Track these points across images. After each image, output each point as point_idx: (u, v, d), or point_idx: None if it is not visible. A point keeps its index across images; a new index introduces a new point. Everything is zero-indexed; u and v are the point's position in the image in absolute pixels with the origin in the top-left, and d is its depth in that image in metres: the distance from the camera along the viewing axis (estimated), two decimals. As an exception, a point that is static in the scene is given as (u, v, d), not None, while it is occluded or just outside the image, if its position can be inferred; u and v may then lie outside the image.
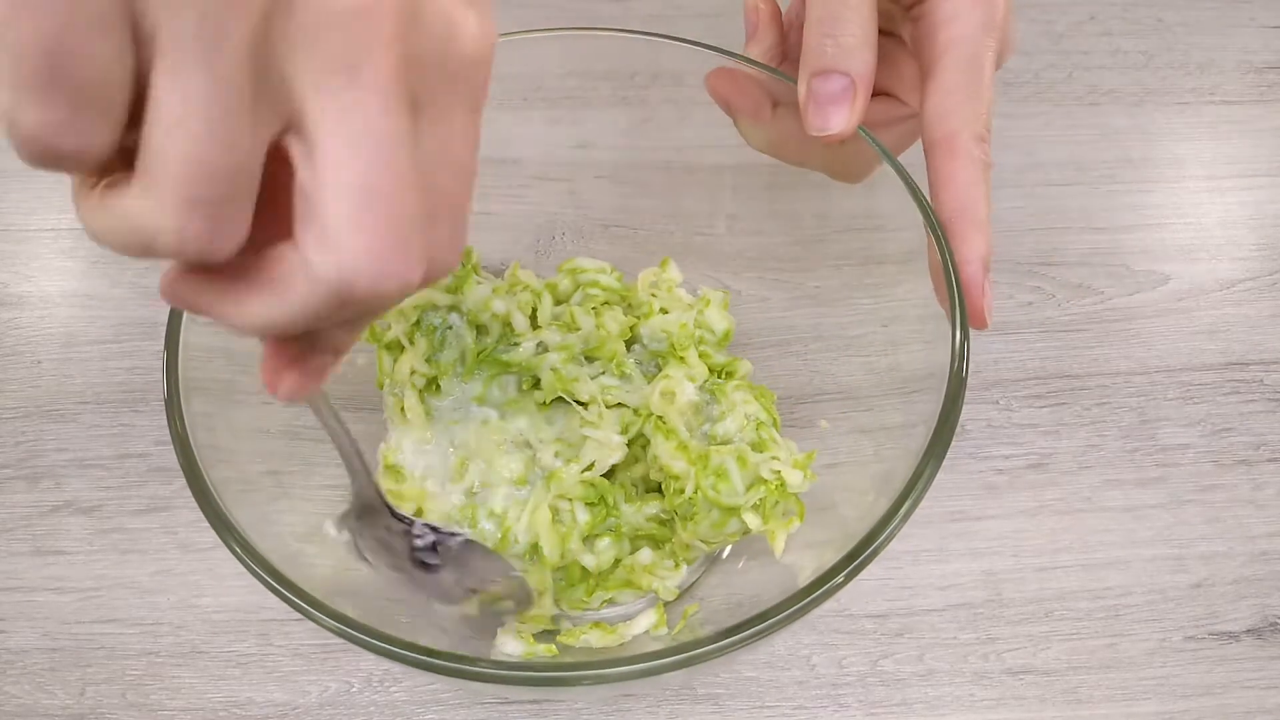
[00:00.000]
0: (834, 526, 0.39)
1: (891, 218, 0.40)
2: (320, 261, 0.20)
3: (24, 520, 0.48)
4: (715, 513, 0.40)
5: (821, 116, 0.37)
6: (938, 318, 0.37)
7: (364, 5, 0.19)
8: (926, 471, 0.33)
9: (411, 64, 0.20)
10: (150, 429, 0.50)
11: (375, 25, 0.19)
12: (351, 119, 0.20)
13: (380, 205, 0.20)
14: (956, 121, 0.37)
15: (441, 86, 0.21)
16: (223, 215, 0.20)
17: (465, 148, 0.23)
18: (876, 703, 0.44)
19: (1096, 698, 0.44)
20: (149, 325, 0.54)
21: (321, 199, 0.20)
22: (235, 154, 0.19)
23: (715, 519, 0.40)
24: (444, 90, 0.22)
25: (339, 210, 0.20)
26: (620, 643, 0.41)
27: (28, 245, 0.57)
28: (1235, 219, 0.59)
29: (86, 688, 0.44)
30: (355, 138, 0.20)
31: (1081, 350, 0.54)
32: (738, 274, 0.51)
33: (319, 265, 0.20)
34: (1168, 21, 0.68)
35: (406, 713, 0.44)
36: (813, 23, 0.37)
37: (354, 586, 0.41)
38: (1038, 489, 0.50)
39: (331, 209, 0.20)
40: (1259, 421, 0.52)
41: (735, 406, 0.42)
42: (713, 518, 0.40)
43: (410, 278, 0.21)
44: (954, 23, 0.37)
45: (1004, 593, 0.47)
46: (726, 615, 0.42)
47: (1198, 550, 0.48)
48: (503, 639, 0.40)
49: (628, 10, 0.66)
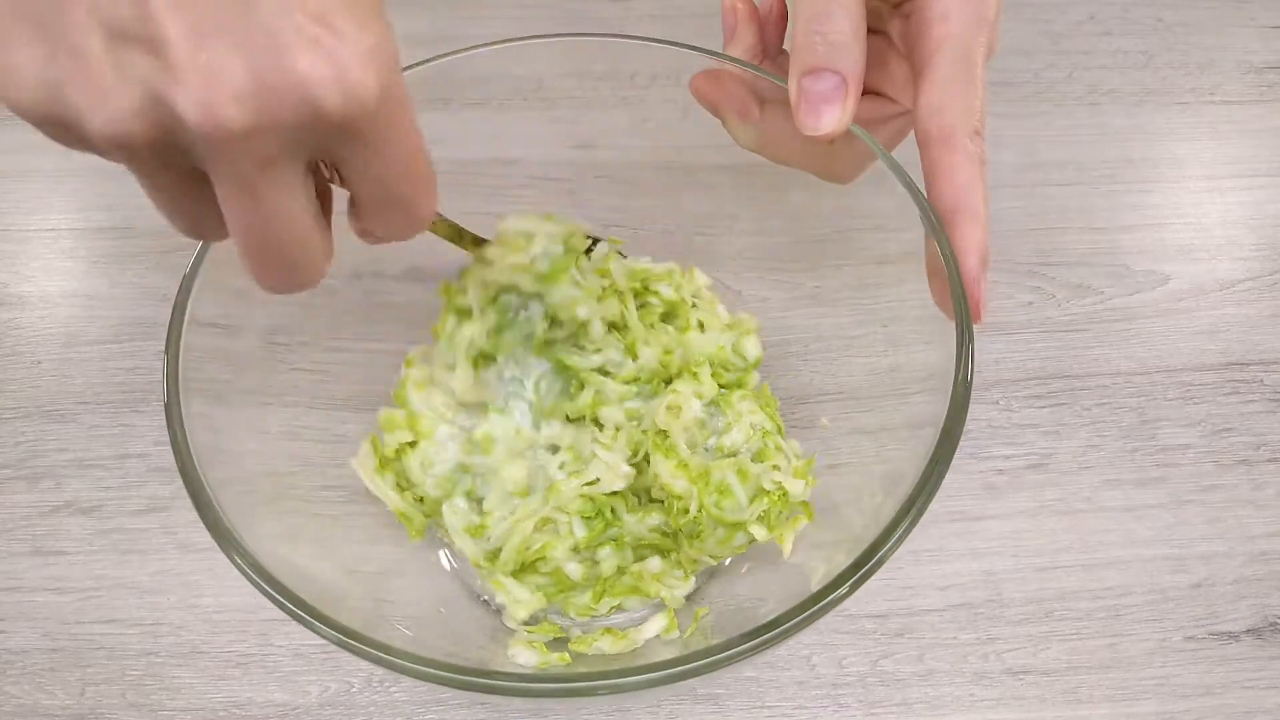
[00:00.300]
0: (840, 528, 0.39)
1: (891, 217, 0.40)
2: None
3: (24, 520, 0.48)
4: (721, 530, 0.40)
5: (813, 115, 0.37)
6: (938, 318, 0.37)
7: (206, 137, 0.23)
8: (933, 479, 0.33)
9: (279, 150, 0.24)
10: (150, 429, 0.50)
11: (224, 148, 0.24)
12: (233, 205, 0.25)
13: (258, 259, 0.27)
14: (951, 116, 0.36)
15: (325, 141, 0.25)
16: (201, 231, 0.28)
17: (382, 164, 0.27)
18: (876, 703, 0.44)
19: (1096, 698, 0.44)
20: (149, 325, 0.54)
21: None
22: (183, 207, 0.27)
23: (721, 535, 0.40)
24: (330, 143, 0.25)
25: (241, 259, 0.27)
26: (633, 648, 0.41)
27: (28, 245, 0.57)
28: (1235, 219, 0.59)
29: (86, 688, 0.44)
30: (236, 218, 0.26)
31: (1081, 350, 0.54)
32: (738, 274, 0.51)
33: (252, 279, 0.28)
34: (1168, 21, 0.68)
35: (406, 713, 0.44)
36: (802, 21, 0.37)
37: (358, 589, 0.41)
38: (1038, 489, 0.50)
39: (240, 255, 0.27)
40: (1259, 421, 0.52)
41: (741, 417, 0.42)
42: (719, 535, 0.40)
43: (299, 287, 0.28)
44: (946, 20, 0.37)
45: (1004, 593, 0.47)
46: (735, 616, 0.42)
47: (1198, 550, 0.48)
48: (515, 649, 0.40)
49: (627, 10, 0.66)
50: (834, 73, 0.37)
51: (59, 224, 0.57)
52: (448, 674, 0.31)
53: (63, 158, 0.59)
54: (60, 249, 0.57)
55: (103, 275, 0.55)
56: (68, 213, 0.58)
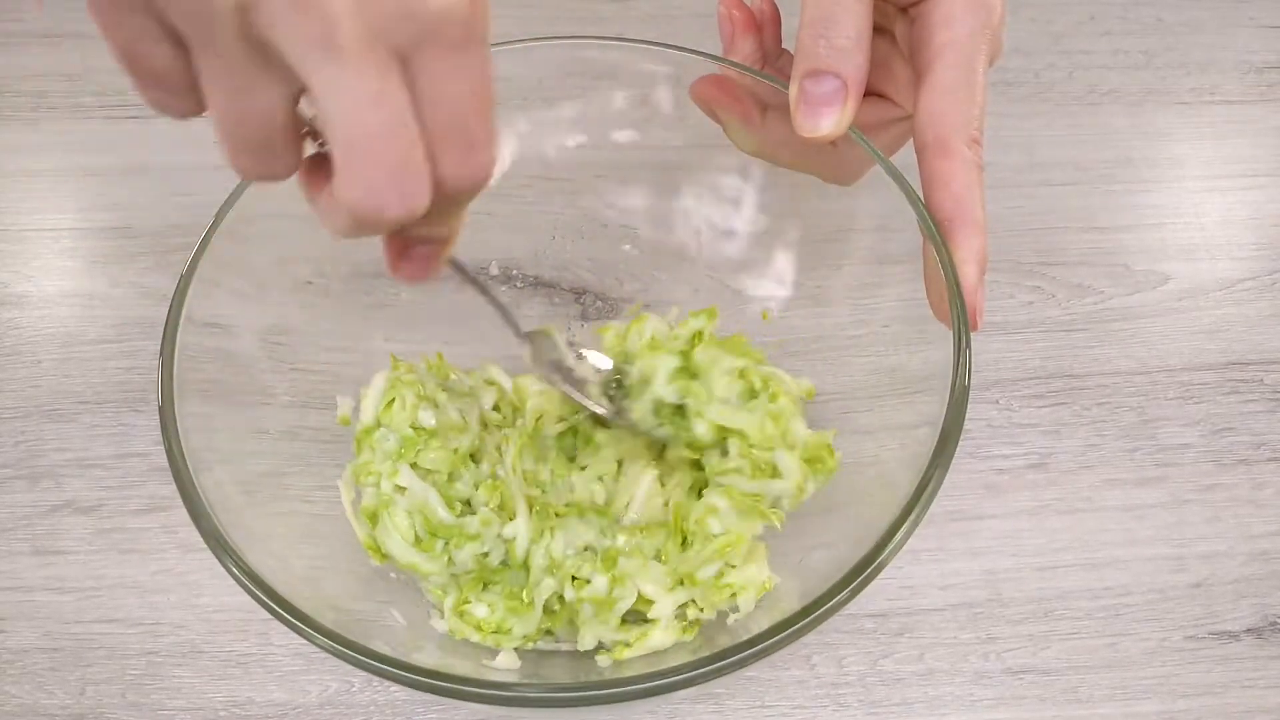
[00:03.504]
0: (840, 529, 0.39)
1: (891, 218, 0.40)
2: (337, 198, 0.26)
3: (24, 520, 0.48)
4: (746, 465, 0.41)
5: (812, 117, 0.37)
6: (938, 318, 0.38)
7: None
8: (931, 484, 0.33)
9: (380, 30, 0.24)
10: (150, 429, 0.50)
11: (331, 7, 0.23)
12: (333, 82, 0.24)
13: (362, 155, 0.25)
14: (950, 124, 0.36)
15: (420, 39, 0.25)
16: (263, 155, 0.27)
17: (460, 84, 0.26)
18: (876, 703, 0.44)
19: (1096, 698, 0.44)
20: (149, 325, 0.54)
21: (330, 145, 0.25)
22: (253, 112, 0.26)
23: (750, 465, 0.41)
24: (424, 42, 0.25)
25: (338, 161, 0.25)
26: (635, 654, 0.41)
27: (28, 245, 0.57)
28: (1235, 219, 0.59)
29: (86, 688, 0.44)
30: (336, 102, 0.24)
31: (1081, 350, 0.54)
32: (738, 274, 0.51)
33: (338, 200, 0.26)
34: (1168, 21, 0.68)
35: (406, 712, 0.44)
36: (806, 23, 0.37)
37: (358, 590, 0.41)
38: (1038, 489, 0.50)
39: (335, 155, 0.25)
40: (1259, 421, 0.52)
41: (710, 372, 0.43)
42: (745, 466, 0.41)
43: (404, 207, 0.26)
44: (950, 25, 0.37)
45: (1004, 592, 0.47)
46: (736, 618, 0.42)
47: (1198, 550, 0.48)
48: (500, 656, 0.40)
49: (627, 10, 0.66)
50: (835, 76, 0.37)
51: (59, 224, 0.57)
52: (441, 683, 0.31)
53: (63, 157, 0.60)
54: (60, 249, 0.57)
55: (103, 275, 0.55)
56: (68, 213, 0.58)
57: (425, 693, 0.31)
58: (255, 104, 0.25)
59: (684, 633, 0.41)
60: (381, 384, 0.43)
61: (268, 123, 0.26)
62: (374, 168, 0.25)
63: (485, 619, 0.40)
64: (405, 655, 0.32)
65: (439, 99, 0.26)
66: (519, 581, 0.41)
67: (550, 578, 0.41)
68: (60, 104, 0.62)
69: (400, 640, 0.40)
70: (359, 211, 0.26)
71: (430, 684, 0.31)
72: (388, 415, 0.42)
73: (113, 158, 0.59)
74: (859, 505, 0.40)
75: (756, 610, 0.41)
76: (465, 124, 0.27)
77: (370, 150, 0.25)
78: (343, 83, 0.24)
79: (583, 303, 0.52)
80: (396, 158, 0.25)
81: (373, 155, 0.25)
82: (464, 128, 0.27)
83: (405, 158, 0.25)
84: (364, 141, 0.25)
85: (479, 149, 0.27)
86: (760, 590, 0.41)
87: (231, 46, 0.24)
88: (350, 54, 0.23)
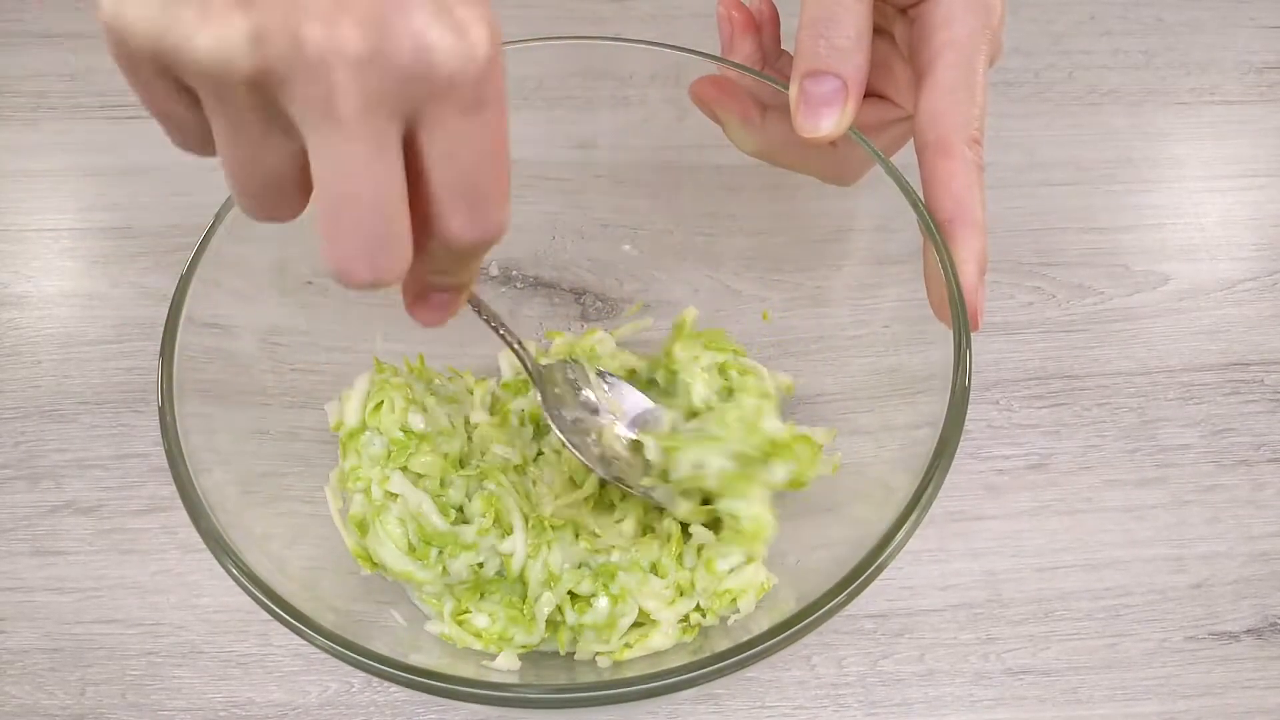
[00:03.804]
0: (840, 530, 0.39)
1: (891, 218, 0.40)
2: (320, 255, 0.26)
3: (24, 520, 0.48)
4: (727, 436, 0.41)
5: (812, 118, 0.37)
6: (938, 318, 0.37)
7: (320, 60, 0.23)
8: (931, 486, 0.33)
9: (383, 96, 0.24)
10: (150, 429, 0.50)
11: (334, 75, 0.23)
12: (325, 147, 0.24)
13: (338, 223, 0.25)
14: (950, 124, 0.36)
15: (429, 102, 0.25)
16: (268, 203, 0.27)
17: (471, 145, 0.26)
18: (876, 703, 0.44)
19: (1096, 698, 0.44)
20: (149, 325, 0.54)
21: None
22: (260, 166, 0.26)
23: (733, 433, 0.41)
24: (432, 104, 0.25)
25: (319, 224, 0.25)
26: (634, 656, 0.41)
27: (28, 245, 0.57)
28: (1235, 219, 0.59)
29: (86, 688, 0.44)
30: (323, 167, 0.25)
31: (1081, 350, 0.54)
32: (738, 274, 0.51)
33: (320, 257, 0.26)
34: (1168, 21, 0.68)
35: (406, 712, 0.44)
36: (807, 23, 0.37)
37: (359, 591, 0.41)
38: (1038, 489, 0.50)
39: (318, 221, 0.25)
40: (1259, 421, 0.52)
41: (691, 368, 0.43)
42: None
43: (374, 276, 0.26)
44: (950, 26, 0.37)
45: (1004, 593, 0.47)
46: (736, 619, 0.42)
47: (1198, 550, 0.48)
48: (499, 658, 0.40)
49: (627, 10, 0.66)
50: (835, 76, 0.37)
51: (59, 224, 0.58)
52: (440, 684, 0.31)
53: (63, 157, 0.60)
54: (60, 249, 0.57)
55: (103, 275, 0.55)
56: (68, 213, 0.58)
57: (425, 693, 0.31)
58: (263, 159, 0.26)
59: (684, 633, 0.41)
60: (365, 385, 0.42)
61: (274, 176, 0.26)
62: (349, 236, 0.25)
63: (486, 628, 0.40)
64: (404, 656, 0.32)
65: (449, 159, 0.26)
66: (516, 593, 0.41)
67: (549, 591, 0.40)
68: (60, 104, 0.62)
69: (400, 641, 0.40)
70: (333, 273, 0.26)
71: (429, 684, 0.31)
72: (375, 418, 0.41)
73: (113, 158, 0.59)
74: (859, 506, 0.40)
75: (756, 611, 0.41)
76: (475, 184, 0.27)
77: (346, 219, 0.25)
78: (332, 149, 0.24)
79: (583, 303, 0.52)
80: (371, 230, 0.25)
81: (348, 224, 0.25)
82: (474, 187, 0.27)
83: (381, 231, 0.25)
84: (341, 210, 0.25)
85: (491, 208, 0.27)
86: (760, 591, 0.41)
87: (242, 112, 0.24)
88: (347, 122, 0.24)
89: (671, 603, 0.41)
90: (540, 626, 0.40)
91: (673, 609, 0.41)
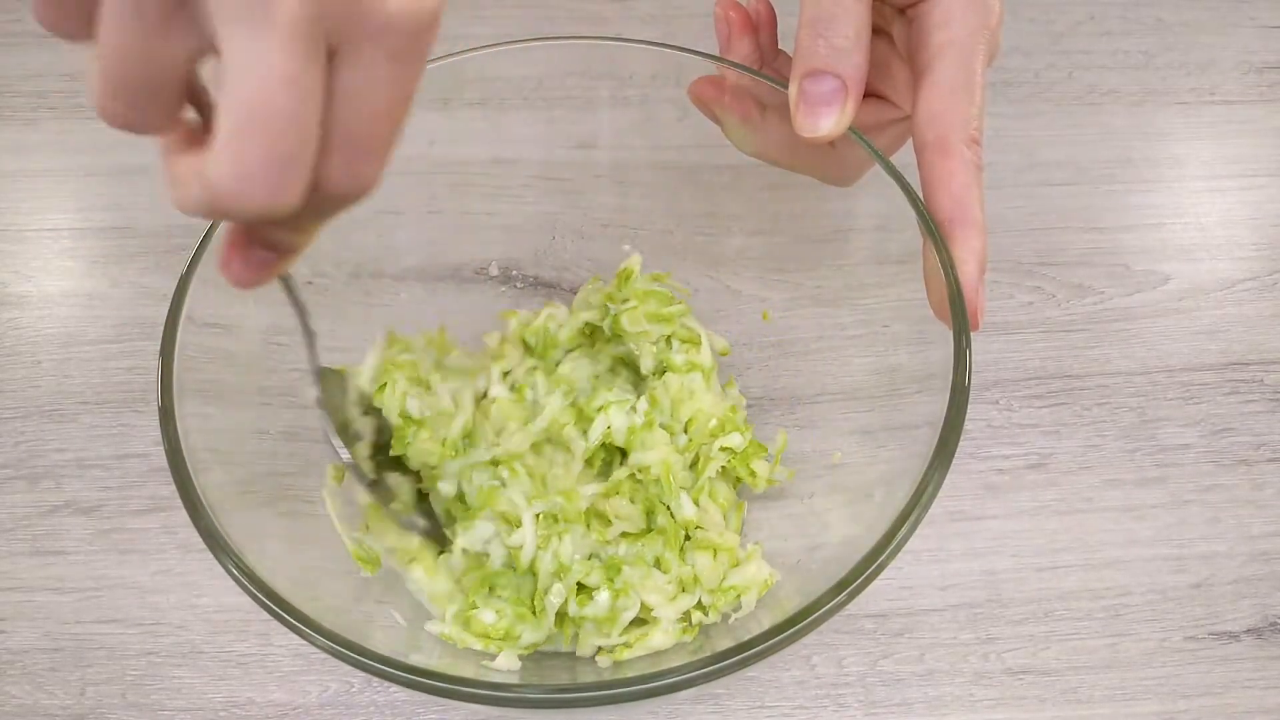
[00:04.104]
0: (839, 530, 0.39)
1: (891, 218, 0.40)
2: (202, 170, 0.24)
3: (24, 520, 0.48)
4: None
5: (811, 117, 0.37)
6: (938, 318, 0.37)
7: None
8: (931, 486, 0.33)
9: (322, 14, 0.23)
10: (150, 429, 0.50)
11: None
12: (251, 52, 0.22)
13: (254, 132, 0.23)
14: (949, 124, 0.36)
15: (360, 40, 0.24)
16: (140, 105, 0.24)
17: (383, 92, 0.25)
18: (876, 703, 0.44)
19: (1096, 698, 0.44)
20: (149, 325, 0.54)
21: (217, 114, 0.23)
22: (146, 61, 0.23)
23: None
24: (364, 41, 0.24)
25: (223, 127, 0.23)
26: (635, 655, 0.41)
27: (28, 245, 0.57)
28: (1235, 219, 0.59)
29: (86, 688, 0.44)
30: (250, 68, 0.22)
31: (1081, 350, 0.54)
32: (738, 274, 0.51)
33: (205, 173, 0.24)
34: (1168, 21, 0.68)
35: (406, 712, 0.44)
36: (806, 23, 0.37)
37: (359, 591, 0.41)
38: (1038, 489, 0.50)
39: (220, 125, 0.23)
40: (1259, 421, 0.52)
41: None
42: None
43: (270, 201, 0.24)
44: (949, 26, 0.37)
45: (1004, 593, 0.47)
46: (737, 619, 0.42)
47: (1198, 550, 0.48)
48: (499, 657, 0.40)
49: (627, 10, 0.66)
50: (834, 76, 0.37)
51: (59, 224, 0.58)
52: (440, 684, 0.31)
53: (63, 157, 0.60)
54: (60, 249, 0.57)
55: (103, 275, 0.55)
56: (68, 213, 0.58)
57: (425, 693, 0.31)
58: (152, 52, 0.23)
59: (684, 633, 0.41)
60: (373, 360, 0.43)
61: (157, 76, 0.24)
62: (257, 151, 0.23)
63: (493, 625, 0.40)
64: (404, 656, 0.32)
65: (353, 100, 0.25)
66: (525, 588, 0.41)
67: (559, 582, 0.40)
68: (60, 104, 0.62)
69: (400, 641, 0.40)
70: (221, 191, 0.23)
71: (430, 684, 0.31)
72: (379, 398, 0.42)
73: (113, 158, 0.59)
74: (859, 505, 0.40)
75: (757, 610, 0.41)
76: (368, 133, 0.25)
77: (261, 132, 0.23)
78: (260, 54, 0.22)
79: (583, 303, 0.52)
80: (284, 148, 0.23)
81: (261, 138, 0.23)
82: (365, 136, 0.25)
83: (293, 152, 0.23)
84: (259, 121, 0.23)
85: (372, 162, 0.26)
86: (763, 588, 0.41)
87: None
88: (281, 27, 0.22)
89: (673, 598, 0.41)
90: (550, 620, 0.40)
91: (674, 605, 0.41)
